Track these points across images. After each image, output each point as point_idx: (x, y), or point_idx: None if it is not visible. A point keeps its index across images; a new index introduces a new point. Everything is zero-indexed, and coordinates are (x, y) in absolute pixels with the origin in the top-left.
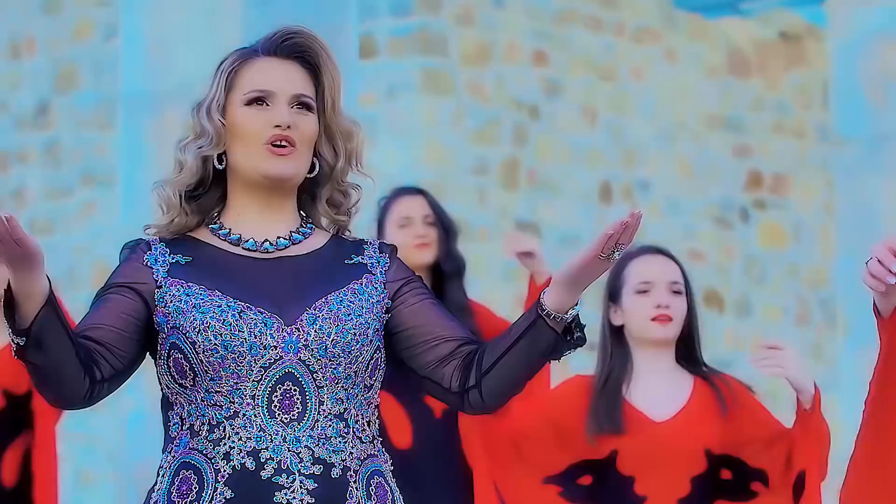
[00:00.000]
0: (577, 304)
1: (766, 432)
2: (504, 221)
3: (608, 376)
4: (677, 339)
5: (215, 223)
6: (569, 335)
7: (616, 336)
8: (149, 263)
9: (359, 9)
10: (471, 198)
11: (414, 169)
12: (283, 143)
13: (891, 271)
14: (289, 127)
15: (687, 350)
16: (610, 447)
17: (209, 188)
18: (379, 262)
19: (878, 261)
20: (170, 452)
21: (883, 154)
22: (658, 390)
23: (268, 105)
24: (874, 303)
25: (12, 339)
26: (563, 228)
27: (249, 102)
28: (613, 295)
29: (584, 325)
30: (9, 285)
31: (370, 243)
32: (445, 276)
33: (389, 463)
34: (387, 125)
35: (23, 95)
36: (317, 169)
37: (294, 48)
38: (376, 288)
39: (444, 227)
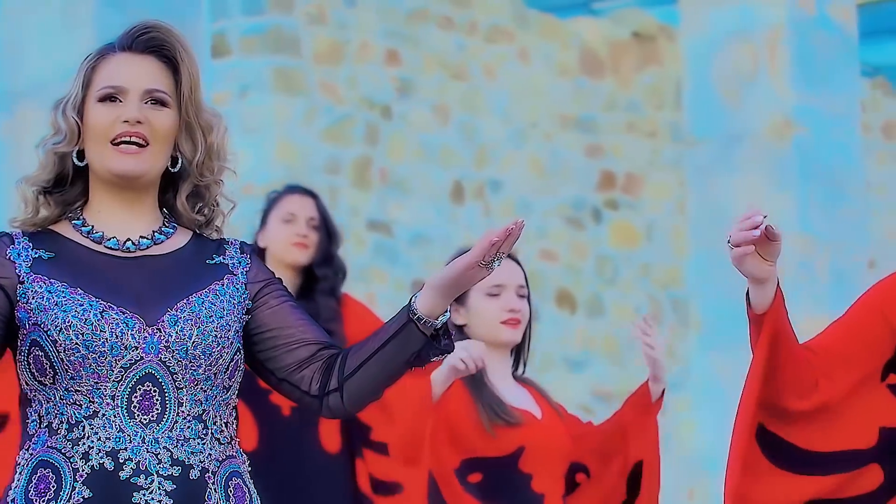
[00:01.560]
0: (447, 311)
1: (577, 430)
2: (356, 221)
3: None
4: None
5: (78, 219)
6: (436, 342)
7: (459, 335)
8: (11, 258)
9: (211, 7)
10: (323, 197)
11: (266, 168)
12: (132, 138)
13: (755, 227)
14: (139, 122)
15: (518, 354)
16: (514, 444)
17: (70, 183)
18: (240, 262)
19: (737, 230)
20: (27, 450)
21: (735, 154)
22: (512, 391)
23: (120, 101)
24: (747, 299)
25: None
26: (414, 228)
27: (102, 99)
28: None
29: (453, 333)
30: None
31: (231, 243)
32: (318, 279)
33: (247, 464)
34: (239, 124)
35: None
36: (179, 163)
37: (150, 42)
38: (237, 289)
39: (328, 233)
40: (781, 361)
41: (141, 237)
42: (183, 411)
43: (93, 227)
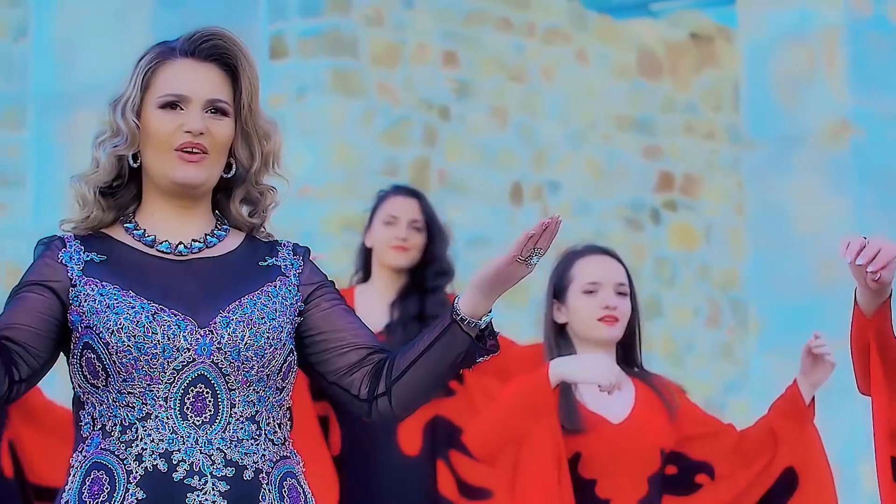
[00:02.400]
0: (490, 312)
1: (705, 429)
2: None
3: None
4: (625, 339)
5: (130, 222)
6: (482, 342)
7: (560, 334)
8: (63, 261)
9: (269, 9)
10: None
11: (323, 170)
12: (194, 149)
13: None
14: (201, 133)
15: (626, 352)
16: (573, 449)
17: (125, 184)
18: (293, 264)
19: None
20: (80, 452)
21: (792, 155)
22: (602, 392)
23: (182, 109)
24: (856, 301)
25: None
26: (472, 230)
27: (163, 105)
28: (558, 293)
29: (498, 333)
30: None
31: (284, 245)
32: (425, 279)
33: (301, 465)
34: (296, 126)
35: None
36: (233, 170)
37: (212, 50)
38: (290, 290)
39: (431, 234)
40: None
41: (193, 240)
42: (236, 412)
43: (145, 230)
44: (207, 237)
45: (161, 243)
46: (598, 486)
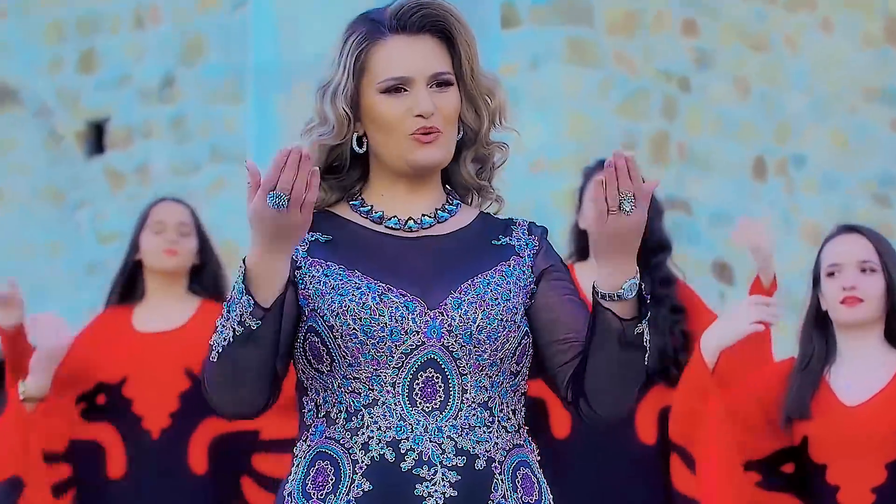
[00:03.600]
0: (633, 277)
1: None
2: None
3: (809, 360)
4: (887, 317)
5: (356, 199)
6: (637, 311)
7: (822, 320)
8: None
9: None
10: None
11: (558, 143)
12: (429, 131)
13: None
14: (432, 114)
15: (891, 329)
16: (801, 433)
17: (349, 167)
18: (528, 244)
19: None
20: (304, 441)
21: None
22: (858, 374)
23: (406, 91)
24: None
25: (239, 322)
26: (715, 206)
27: (386, 90)
28: (816, 280)
29: (648, 297)
30: (244, 263)
31: (519, 224)
32: (651, 251)
33: (536, 453)
34: (530, 97)
35: (147, 67)
36: (461, 134)
37: (423, 21)
38: (524, 271)
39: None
40: None
41: (423, 215)
42: (468, 398)
43: (372, 206)
44: (438, 212)
45: (389, 219)
46: (828, 472)
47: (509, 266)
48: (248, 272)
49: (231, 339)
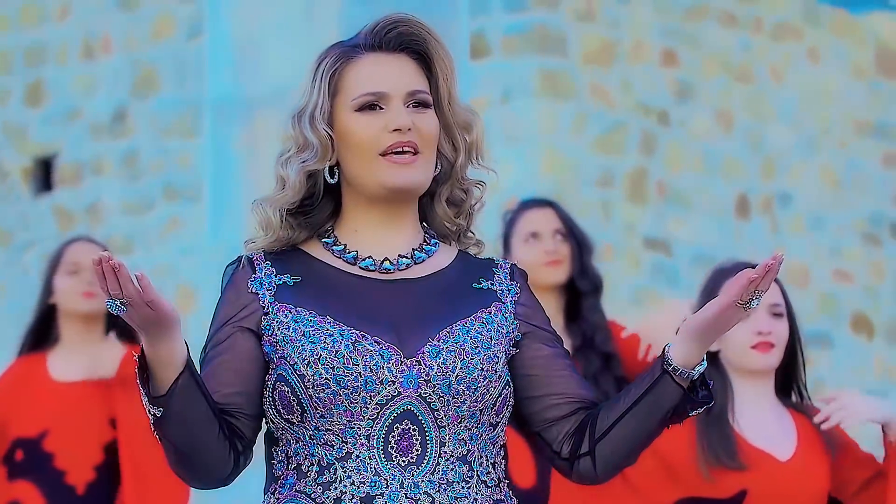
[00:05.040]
0: (703, 361)
1: (866, 472)
2: (631, 238)
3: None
4: (786, 365)
5: (329, 237)
6: (694, 393)
7: (712, 362)
8: (254, 290)
9: (470, 4)
10: (594, 212)
11: (531, 180)
12: (405, 149)
13: None
14: (409, 129)
15: (786, 380)
16: (737, 486)
17: (319, 202)
18: (509, 289)
19: None
20: (273, 493)
21: None
22: (767, 425)
23: (381, 108)
24: None
25: (148, 411)
26: (696, 246)
27: (360, 108)
28: None
29: (711, 383)
30: (142, 350)
31: (500, 266)
32: (581, 294)
33: None
34: (501, 132)
35: (98, 100)
36: (439, 168)
37: (400, 39)
38: (506, 318)
39: (577, 241)
40: None
41: (400, 256)
42: (446, 452)
43: (345, 245)
44: (415, 252)
45: (364, 259)
46: None
47: (490, 313)
48: (140, 362)
49: (153, 424)
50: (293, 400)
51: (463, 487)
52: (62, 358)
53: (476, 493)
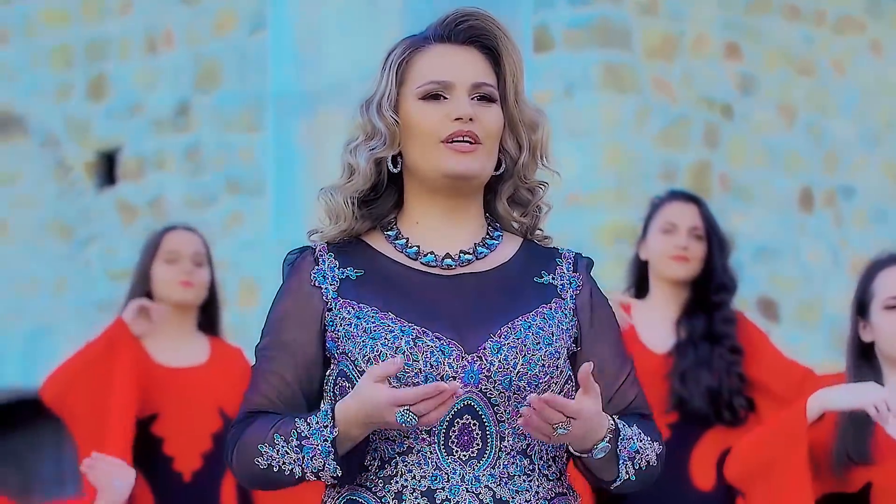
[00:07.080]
0: (603, 439)
1: None
2: None
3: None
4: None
5: (391, 229)
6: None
7: (865, 355)
8: (317, 283)
9: None
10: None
11: (593, 174)
12: (466, 139)
13: None
14: (471, 120)
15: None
16: (863, 479)
17: (383, 192)
18: (570, 282)
19: None
20: (334, 487)
21: None
22: None
23: (445, 98)
24: None
25: (314, 473)
26: (758, 240)
27: (425, 96)
28: (862, 309)
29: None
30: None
31: (564, 256)
32: (709, 292)
33: (579, 501)
34: (563, 126)
35: (160, 94)
36: (502, 165)
37: (470, 32)
38: (566, 314)
39: (714, 242)
40: None
41: (462, 252)
42: (506, 446)
43: (407, 239)
44: (477, 247)
45: (425, 255)
46: None
47: (551, 308)
48: (340, 438)
49: (288, 472)
50: None
51: (524, 481)
52: (159, 345)
53: (537, 486)
